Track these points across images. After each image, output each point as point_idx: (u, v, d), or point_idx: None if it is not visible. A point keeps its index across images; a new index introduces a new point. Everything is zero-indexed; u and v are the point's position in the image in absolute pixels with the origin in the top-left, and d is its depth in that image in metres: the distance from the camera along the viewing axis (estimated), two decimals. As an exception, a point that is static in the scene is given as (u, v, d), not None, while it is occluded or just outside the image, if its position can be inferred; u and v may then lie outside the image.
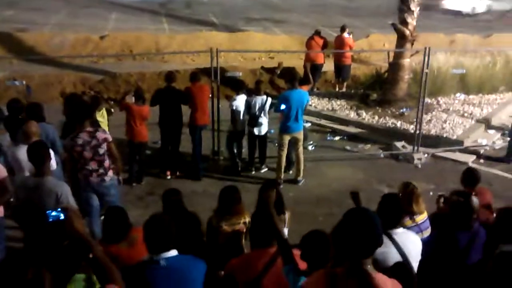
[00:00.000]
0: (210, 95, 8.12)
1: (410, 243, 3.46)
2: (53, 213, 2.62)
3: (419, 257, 3.51)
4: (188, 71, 10.98)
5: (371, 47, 17.33)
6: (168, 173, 7.83)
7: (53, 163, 5.02)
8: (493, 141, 9.61)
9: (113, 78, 12.11)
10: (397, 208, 3.57)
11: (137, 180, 7.53)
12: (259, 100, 7.80)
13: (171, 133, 7.78)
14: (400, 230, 3.51)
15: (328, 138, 9.71)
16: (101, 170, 5.34)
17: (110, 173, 5.44)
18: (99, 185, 5.38)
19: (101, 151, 5.29)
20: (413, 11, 10.35)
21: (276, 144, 7.96)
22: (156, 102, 7.69)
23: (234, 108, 7.79)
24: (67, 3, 27.08)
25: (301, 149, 7.69)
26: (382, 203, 3.59)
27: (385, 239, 3.40)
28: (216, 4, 30.74)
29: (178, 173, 7.90)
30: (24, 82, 7.62)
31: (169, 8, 28.64)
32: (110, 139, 5.38)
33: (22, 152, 5.02)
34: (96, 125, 5.94)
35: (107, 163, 5.37)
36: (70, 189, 4.46)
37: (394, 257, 3.34)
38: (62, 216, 2.60)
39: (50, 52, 14.37)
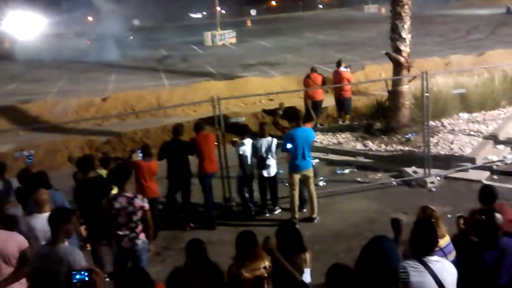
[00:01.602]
0: (216, 143, 8.17)
1: (445, 271, 3.34)
2: (78, 276, 2.60)
3: (454, 286, 3.39)
4: (191, 122, 11.13)
5: (368, 78, 17.53)
6: (191, 225, 7.79)
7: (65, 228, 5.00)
8: (504, 156, 9.53)
9: (119, 138, 12.25)
10: (431, 234, 3.46)
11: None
12: (265, 142, 7.84)
13: (180, 185, 7.78)
14: (434, 258, 3.39)
15: (338, 171, 9.66)
16: (132, 235, 5.34)
17: (142, 236, 5.43)
18: (131, 249, 5.36)
19: (135, 218, 5.30)
20: (405, 39, 10.54)
21: (287, 184, 7.92)
22: (163, 155, 7.74)
23: (241, 153, 7.82)
24: (66, 71, 27.85)
25: (312, 186, 7.65)
26: (415, 230, 3.50)
27: (421, 268, 3.30)
28: (211, 55, 31.51)
29: (192, 224, 7.83)
30: (32, 152, 7.69)
31: (166, 63, 29.36)
32: (147, 207, 5.40)
33: (35, 222, 5.02)
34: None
35: (139, 228, 5.37)
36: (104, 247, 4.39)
37: (430, 286, 3.23)
38: (86, 278, 2.58)
39: (54, 119, 14.62)
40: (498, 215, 3.74)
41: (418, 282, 3.10)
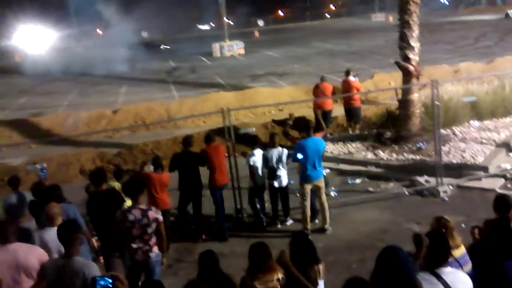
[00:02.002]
0: (226, 154, 8.18)
1: (459, 283, 3.31)
2: (102, 282, 2.63)
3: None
4: (201, 134, 11.16)
5: (377, 87, 17.50)
6: (203, 237, 7.79)
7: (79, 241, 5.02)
8: (517, 163, 9.43)
9: (130, 150, 12.31)
10: (443, 245, 3.44)
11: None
12: (275, 152, 7.83)
13: (192, 197, 7.80)
14: (448, 270, 3.37)
15: (350, 181, 9.61)
16: (146, 247, 5.35)
17: (155, 249, 5.44)
18: (145, 262, 5.37)
19: (150, 230, 5.31)
20: (413, 47, 10.51)
21: (298, 195, 7.90)
22: (174, 167, 7.77)
23: (251, 163, 7.82)
24: (77, 83, 28.14)
25: (324, 196, 7.62)
26: (422, 242, 3.48)
27: (433, 280, 3.28)
28: (220, 66, 31.68)
29: (204, 236, 7.83)
30: (45, 165, 7.76)
31: (175, 75, 29.56)
32: (161, 219, 5.42)
33: (48, 235, 5.05)
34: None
35: (153, 241, 5.38)
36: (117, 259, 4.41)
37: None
38: (110, 285, 2.61)
39: (65, 132, 14.75)
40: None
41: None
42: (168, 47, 46.41)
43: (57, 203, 5.50)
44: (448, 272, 3.34)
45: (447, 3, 78.54)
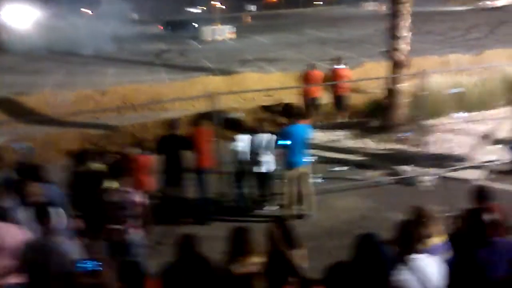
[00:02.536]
0: (213, 138, 8.16)
1: (429, 269, 3.39)
2: (88, 265, 2.61)
3: (441, 283, 3.44)
4: (189, 117, 11.11)
5: (367, 76, 17.51)
6: (186, 219, 7.78)
7: (60, 222, 4.99)
8: (501, 155, 9.54)
9: (116, 132, 12.22)
10: (411, 234, 3.53)
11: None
12: (261, 138, 7.84)
13: (176, 179, 7.79)
14: (417, 256, 3.44)
15: (335, 169, 9.66)
16: (130, 229, 5.34)
17: (138, 230, 5.43)
18: (128, 243, 5.36)
19: (133, 212, 5.31)
20: (404, 37, 10.53)
21: (283, 181, 7.93)
22: (160, 149, 7.75)
23: (238, 148, 7.81)
24: (64, 63, 27.76)
25: (309, 183, 7.65)
26: (396, 230, 3.56)
27: (403, 267, 3.34)
28: (209, 50, 31.47)
29: (186, 219, 7.84)
30: (30, 145, 7.67)
31: (164, 58, 29.31)
32: (146, 202, 5.41)
33: (23, 214, 5.00)
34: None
35: (136, 223, 5.37)
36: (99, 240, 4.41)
37: (413, 285, 3.27)
38: (96, 268, 2.58)
39: (51, 112, 14.57)
40: (489, 214, 3.78)
41: (400, 281, 3.15)
42: (196, 25, 45.33)
43: (37, 182, 5.45)
44: (418, 259, 3.42)
45: None
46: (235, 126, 8.76)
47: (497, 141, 10.16)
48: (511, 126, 10.80)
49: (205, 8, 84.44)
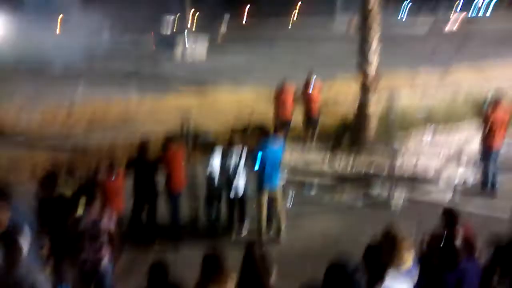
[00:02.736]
0: (185, 160, 8.10)
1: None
2: None
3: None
4: (160, 137, 11.00)
5: (337, 95, 17.79)
6: (157, 244, 7.66)
7: (27, 249, 4.83)
8: (466, 175, 9.80)
9: (84, 153, 11.98)
10: (380, 261, 3.55)
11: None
12: (232, 161, 7.83)
13: (147, 203, 7.68)
14: (386, 283, 3.47)
15: (305, 192, 9.72)
16: (97, 256, 5.21)
17: (107, 258, 5.30)
18: (96, 272, 5.22)
19: (101, 239, 5.18)
20: (373, 59, 10.79)
21: (255, 205, 7.91)
22: (131, 172, 7.63)
23: (208, 172, 7.79)
24: (31, 79, 27.13)
25: (280, 206, 7.67)
26: (364, 257, 3.58)
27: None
28: (183, 68, 31.40)
29: (157, 244, 7.71)
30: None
31: (137, 75, 29.06)
32: (114, 228, 5.31)
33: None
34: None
35: (104, 250, 5.24)
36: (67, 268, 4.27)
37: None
38: None
39: (17, 132, 14.20)
40: (457, 238, 3.86)
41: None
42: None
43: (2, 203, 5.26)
44: (388, 285, 3.45)
45: (404, 18, 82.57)
46: (207, 147, 8.71)
47: (464, 161, 10.45)
48: (477, 146, 11.16)
49: (179, 15, 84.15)
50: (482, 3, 67.38)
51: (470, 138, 11.66)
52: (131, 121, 15.33)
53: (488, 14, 66.55)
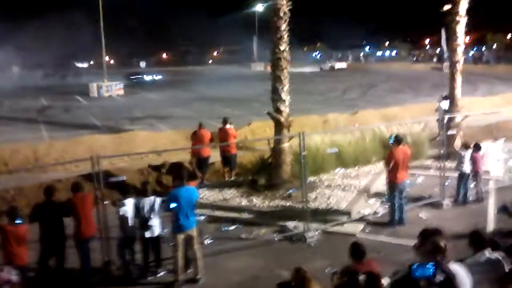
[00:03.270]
0: (95, 203, 7.79)
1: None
2: None
3: None
4: (71, 180, 10.51)
5: (253, 134, 18.16)
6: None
7: None
8: (375, 209, 10.32)
9: (-14, 197, 11.12)
10: None
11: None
12: (147, 201, 7.67)
13: (54, 250, 7.24)
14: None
15: (223, 228, 9.70)
16: None
17: None
18: None
19: None
20: (284, 100, 11.20)
21: (171, 245, 7.74)
22: (35, 218, 7.20)
23: (121, 213, 7.55)
24: None
25: (196, 246, 7.56)
26: None
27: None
28: (96, 107, 30.53)
29: (67, 292, 7.27)
30: None
31: (47, 114, 27.80)
32: (15, 280, 4.90)
33: None
34: None
35: None
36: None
37: None
38: None
39: None
40: (361, 276, 4.02)
41: None
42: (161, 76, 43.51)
43: None
44: None
45: (318, 57, 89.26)
46: (120, 188, 8.45)
47: (372, 195, 11.02)
48: (383, 181, 11.85)
49: (93, 64, 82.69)
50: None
51: (378, 175, 12.38)
52: (40, 163, 14.49)
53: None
